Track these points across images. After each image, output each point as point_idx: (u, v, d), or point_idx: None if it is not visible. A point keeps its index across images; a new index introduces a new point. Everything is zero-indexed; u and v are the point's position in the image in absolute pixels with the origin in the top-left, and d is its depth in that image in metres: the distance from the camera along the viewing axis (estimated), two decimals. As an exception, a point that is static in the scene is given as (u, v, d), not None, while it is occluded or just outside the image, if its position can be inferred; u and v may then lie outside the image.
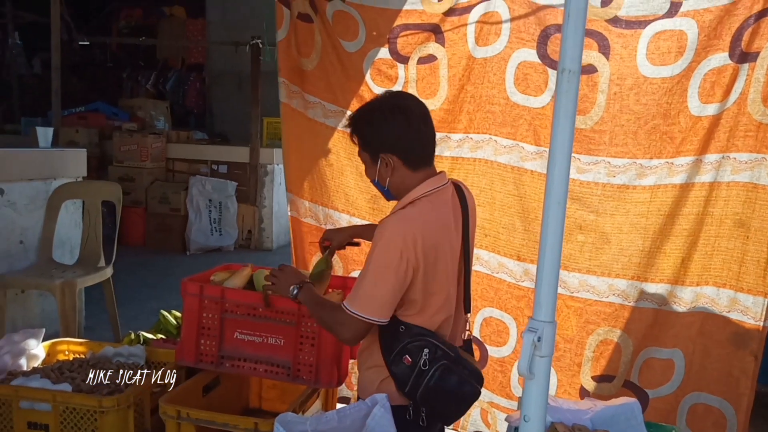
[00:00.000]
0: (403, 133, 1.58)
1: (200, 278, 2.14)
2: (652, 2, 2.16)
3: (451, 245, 1.63)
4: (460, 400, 1.60)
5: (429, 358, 1.53)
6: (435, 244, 1.55)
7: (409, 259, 1.50)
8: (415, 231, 1.52)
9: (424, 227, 1.55)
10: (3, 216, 3.23)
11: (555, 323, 0.93)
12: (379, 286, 1.51)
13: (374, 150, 1.61)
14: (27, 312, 3.41)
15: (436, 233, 1.57)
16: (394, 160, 1.59)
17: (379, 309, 1.52)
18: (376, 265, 1.52)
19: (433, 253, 1.55)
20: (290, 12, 2.66)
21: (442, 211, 1.61)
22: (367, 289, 1.52)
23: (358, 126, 1.64)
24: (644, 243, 2.22)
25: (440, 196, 1.63)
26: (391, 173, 1.61)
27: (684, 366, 2.20)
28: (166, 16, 9.73)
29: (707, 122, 2.12)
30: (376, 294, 1.51)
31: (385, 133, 1.59)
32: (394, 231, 1.53)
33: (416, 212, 1.57)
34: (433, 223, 1.58)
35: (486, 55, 2.38)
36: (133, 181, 6.52)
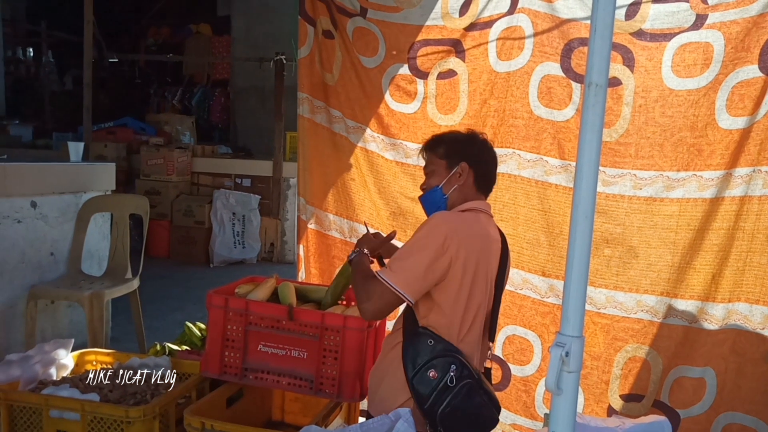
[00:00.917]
0: (488, 156, 1.77)
1: (225, 290, 2.16)
2: (677, 15, 2.14)
3: (488, 267, 1.66)
4: (478, 424, 1.59)
5: (456, 375, 1.53)
6: (474, 254, 1.60)
7: (449, 248, 1.55)
8: (464, 230, 1.60)
9: (470, 234, 1.61)
10: (35, 228, 3.32)
11: (583, 338, 0.91)
12: (415, 261, 1.54)
13: (455, 158, 1.72)
14: (56, 322, 3.49)
15: (478, 246, 1.62)
16: (469, 173, 1.72)
17: (410, 284, 1.53)
18: (417, 243, 1.57)
19: (471, 263, 1.58)
20: (314, 29, 2.71)
21: (482, 228, 1.68)
22: (402, 263, 1.55)
23: (448, 139, 1.78)
24: (673, 258, 2.18)
25: (488, 219, 1.73)
26: (461, 184, 1.71)
27: (716, 385, 2.14)
28: (192, 34, 9.98)
29: (737, 135, 2.09)
30: (411, 268, 1.54)
31: (474, 149, 1.75)
32: (445, 219, 1.62)
33: (469, 217, 1.67)
34: (478, 236, 1.64)
35: (509, 69, 2.39)
36: (159, 195, 6.64)
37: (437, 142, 1.78)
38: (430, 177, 1.76)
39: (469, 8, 2.41)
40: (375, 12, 2.56)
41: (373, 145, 2.66)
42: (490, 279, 1.67)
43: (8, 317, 3.18)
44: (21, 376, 2.09)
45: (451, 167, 1.72)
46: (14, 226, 3.21)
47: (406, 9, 2.51)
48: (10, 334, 3.20)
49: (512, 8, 2.35)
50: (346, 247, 2.76)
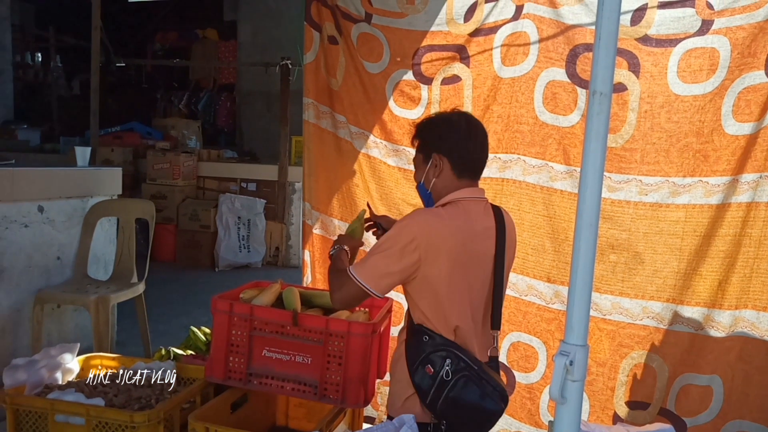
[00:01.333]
0: (461, 140, 1.68)
1: (230, 295, 2.16)
2: (683, 20, 2.14)
3: (478, 255, 1.64)
4: (481, 416, 1.59)
5: (451, 368, 1.55)
6: (452, 250, 1.58)
7: (418, 248, 1.55)
8: (436, 229, 1.58)
9: (446, 231, 1.59)
10: (42, 232, 3.34)
11: (587, 347, 0.91)
12: (382, 257, 1.58)
13: (428, 150, 1.70)
14: (62, 326, 3.50)
15: (456, 241, 1.60)
16: (443, 163, 1.67)
17: (375, 279, 1.58)
18: (387, 241, 1.60)
19: (447, 259, 1.58)
20: (320, 35, 2.72)
21: (472, 219, 1.65)
22: (371, 258, 1.60)
23: (422, 128, 1.74)
24: (679, 264, 2.16)
25: (472, 206, 1.67)
26: (438, 175, 1.68)
27: (723, 393, 2.12)
28: (199, 39, 10.05)
29: (744, 141, 2.08)
30: (377, 264, 1.59)
31: (444, 135, 1.68)
32: (415, 218, 1.62)
33: (444, 212, 1.63)
34: (456, 231, 1.61)
35: (514, 75, 2.39)
36: (165, 199, 6.67)
37: (415, 134, 1.76)
38: (415, 171, 1.77)
39: (474, 14, 2.41)
40: (380, 18, 2.57)
41: (376, 151, 2.67)
42: (482, 268, 1.65)
43: (15, 321, 3.20)
44: (27, 380, 2.09)
45: (427, 160, 1.70)
46: (21, 230, 3.23)
47: (410, 15, 2.52)
48: (17, 337, 3.21)
49: (517, 14, 2.35)
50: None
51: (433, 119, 1.74)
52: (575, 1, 2.26)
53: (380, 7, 2.56)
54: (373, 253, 1.61)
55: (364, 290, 1.59)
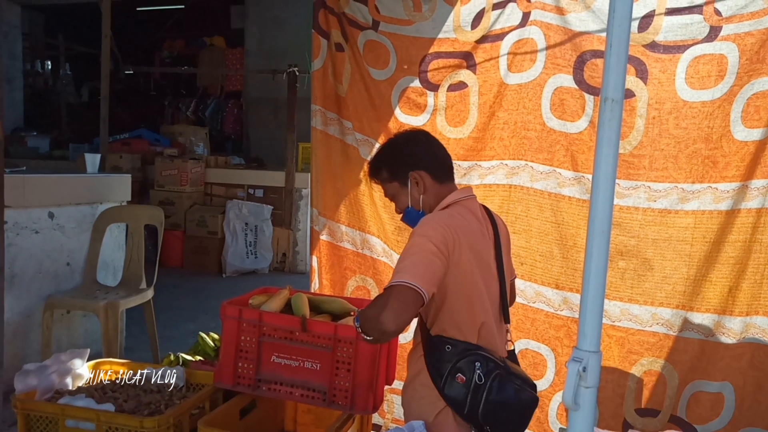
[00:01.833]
0: (423, 148, 1.74)
1: (239, 301, 2.17)
2: (691, 27, 2.14)
3: (483, 252, 1.66)
4: (520, 410, 1.58)
5: (483, 371, 1.52)
6: (467, 243, 1.60)
7: (447, 241, 1.54)
8: (454, 225, 1.59)
9: (461, 226, 1.61)
10: (52, 239, 3.37)
11: (600, 353, 0.91)
12: (417, 259, 1.50)
13: (403, 173, 1.72)
14: (71, 332, 3.52)
15: (468, 235, 1.61)
16: (423, 176, 1.70)
17: (422, 277, 1.46)
18: (413, 247, 1.53)
19: (467, 256, 1.59)
20: (328, 42, 2.74)
21: (472, 218, 1.68)
22: (405, 264, 1.50)
23: (381, 161, 1.77)
24: (689, 271, 2.16)
25: (468, 206, 1.70)
26: (424, 190, 1.71)
27: (734, 400, 2.11)
28: (206, 46, 10.13)
29: (753, 147, 2.07)
30: (415, 265, 1.48)
31: (407, 153, 1.73)
32: (431, 223, 1.59)
33: (453, 212, 1.66)
34: (465, 226, 1.63)
35: (521, 81, 2.39)
36: (173, 205, 6.71)
37: (377, 169, 1.77)
38: (396, 201, 1.76)
39: (481, 21, 2.42)
40: (387, 25, 2.59)
41: None
42: (488, 262, 1.67)
43: (25, 327, 3.22)
44: (38, 385, 2.11)
45: (405, 183, 1.71)
46: (32, 236, 3.26)
47: (418, 22, 2.53)
48: (27, 343, 3.24)
49: (524, 21, 2.36)
50: (358, 259, 2.76)
51: (389, 145, 1.78)
52: (582, 8, 2.27)
53: (387, 14, 2.58)
54: (403, 261, 1.51)
55: (415, 290, 1.43)
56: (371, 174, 1.81)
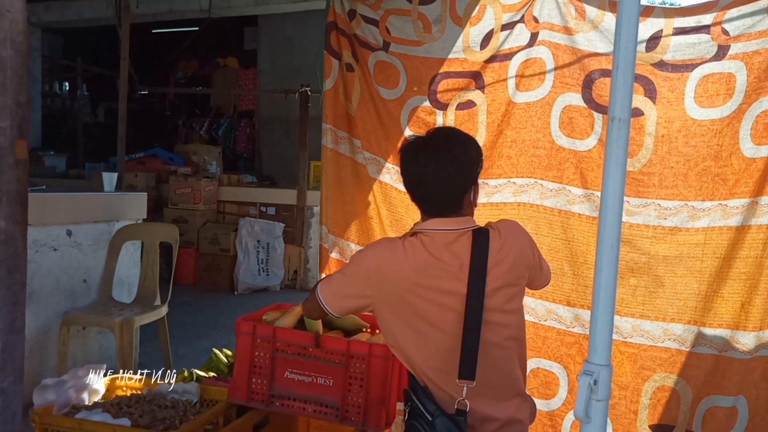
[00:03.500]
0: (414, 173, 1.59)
1: (253, 317, 2.20)
2: (699, 46, 2.17)
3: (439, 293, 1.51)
4: None
5: (408, 412, 1.55)
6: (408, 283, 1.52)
7: (370, 280, 1.58)
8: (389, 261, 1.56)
9: (402, 261, 1.53)
10: (70, 256, 3.43)
11: (611, 367, 0.93)
12: (342, 279, 1.67)
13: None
14: (87, 348, 3.57)
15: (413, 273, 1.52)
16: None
17: (332, 299, 1.66)
18: (350, 263, 1.69)
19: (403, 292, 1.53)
20: (339, 63, 2.80)
21: (432, 255, 1.52)
22: (334, 278, 1.71)
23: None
24: (700, 286, 2.16)
25: (435, 239, 1.53)
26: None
27: (748, 413, 2.10)
28: (220, 67, 10.32)
29: (762, 164, 2.08)
30: (334, 285, 1.67)
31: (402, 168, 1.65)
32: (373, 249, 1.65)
33: (403, 244, 1.57)
34: (415, 262, 1.52)
35: (529, 100, 2.43)
36: (186, 223, 6.79)
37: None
38: None
39: (490, 42, 2.48)
40: (397, 46, 2.64)
41: (387, 176, 2.70)
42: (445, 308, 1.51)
43: (42, 342, 3.27)
44: (56, 400, 2.14)
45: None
46: (50, 254, 3.32)
47: (428, 43, 2.58)
48: (44, 359, 3.28)
49: (532, 41, 2.40)
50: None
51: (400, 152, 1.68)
52: (590, 28, 2.31)
53: (398, 35, 2.64)
54: (337, 274, 1.71)
55: (321, 305, 1.67)
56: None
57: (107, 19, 6.54)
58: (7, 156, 1.94)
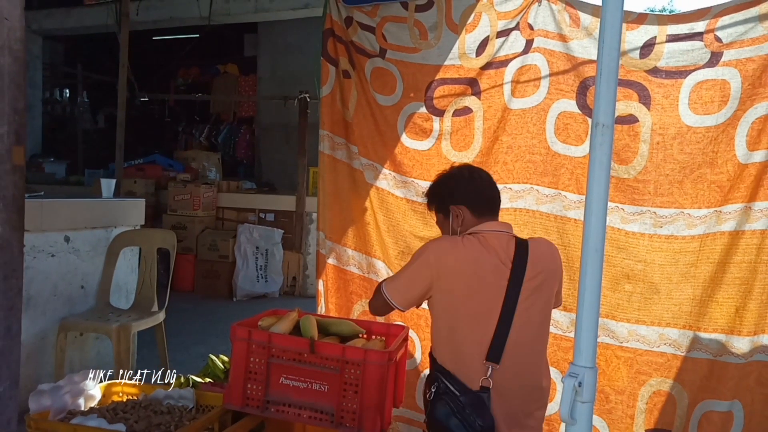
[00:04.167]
0: (465, 184, 1.90)
1: (248, 323, 2.20)
2: (692, 53, 2.19)
3: (488, 286, 1.76)
4: None
5: (435, 391, 1.76)
6: (466, 273, 1.75)
7: (431, 266, 1.77)
8: (449, 251, 1.77)
9: (461, 253, 1.76)
10: (67, 262, 3.44)
11: (596, 369, 0.93)
12: (408, 274, 1.84)
13: (444, 207, 1.91)
14: (84, 354, 3.56)
15: (471, 265, 1.76)
16: (462, 211, 1.88)
17: (397, 294, 1.85)
18: (411, 261, 1.86)
19: (457, 282, 1.75)
20: (336, 69, 2.82)
21: (488, 250, 1.78)
22: (399, 275, 1.88)
23: (431, 194, 1.98)
24: (694, 292, 2.16)
25: (492, 239, 1.81)
26: (461, 223, 1.88)
27: (743, 417, 2.10)
28: (220, 74, 10.36)
29: (754, 169, 2.09)
30: (402, 281, 1.85)
31: (454, 187, 1.91)
32: (434, 242, 1.84)
33: (461, 241, 1.80)
34: (472, 256, 1.77)
35: (524, 107, 2.44)
36: (185, 229, 6.79)
37: (429, 199, 2.00)
38: (441, 228, 1.99)
39: (486, 48, 2.49)
40: (394, 52, 2.66)
41: (384, 182, 2.71)
42: (490, 299, 1.75)
43: (39, 348, 3.27)
44: (52, 405, 2.14)
45: (447, 215, 1.91)
46: (48, 260, 3.32)
47: (424, 50, 2.60)
48: (41, 364, 3.28)
49: (527, 48, 2.42)
50: (364, 283, 2.79)
51: (439, 181, 1.97)
52: (584, 35, 2.33)
53: (395, 42, 2.66)
54: (399, 273, 1.88)
55: (387, 300, 1.84)
56: (428, 203, 2.03)
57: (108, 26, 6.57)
58: (4, 162, 1.95)
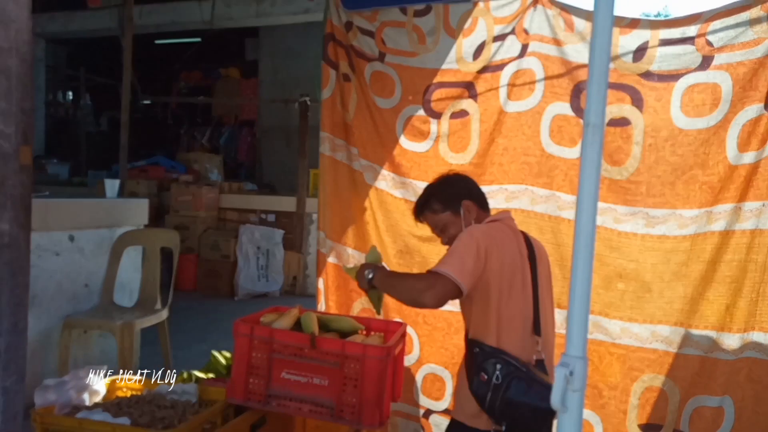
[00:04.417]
0: (468, 183, 2.01)
1: (251, 319, 2.25)
2: (684, 57, 2.23)
3: (521, 266, 1.83)
4: (537, 414, 1.68)
5: (502, 373, 1.69)
6: (502, 254, 1.78)
7: (487, 247, 1.75)
8: (493, 234, 1.81)
9: (499, 237, 1.82)
10: (72, 261, 3.49)
11: (586, 359, 0.98)
12: (460, 256, 1.75)
13: (454, 204, 1.93)
14: (87, 351, 3.61)
15: (503, 247, 1.81)
16: (472, 205, 1.93)
17: (462, 272, 1.73)
18: (458, 246, 1.78)
19: (501, 262, 1.77)
20: (336, 73, 2.87)
21: (510, 234, 1.87)
22: (453, 257, 1.76)
23: (432, 195, 1.97)
24: (686, 290, 2.21)
25: (507, 223, 1.90)
26: (475, 217, 1.93)
27: (734, 413, 2.14)
28: (221, 77, 10.44)
29: (744, 170, 2.14)
30: (458, 261, 1.75)
31: (458, 186, 1.98)
32: (477, 227, 1.85)
33: (492, 225, 1.88)
34: (503, 239, 1.83)
35: (520, 109, 2.49)
36: (187, 229, 6.85)
37: (428, 202, 1.98)
38: (446, 230, 1.96)
39: (482, 53, 2.55)
40: (393, 56, 2.72)
41: (383, 183, 2.76)
42: (525, 276, 1.82)
43: (44, 345, 3.32)
44: (57, 400, 2.18)
45: (457, 212, 1.93)
46: (53, 258, 3.38)
47: (422, 54, 2.66)
48: (45, 361, 3.33)
49: (523, 52, 2.47)
50: (365, 282, 2.83)
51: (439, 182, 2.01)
52: (579, 40, 2.38)
53: (393, 46, 2.71)
54: (450, 253, 1.77)
55: (455, 284, 1.72)
56: (422, 209, 1.99)
57: (110, 29, 6.65)
58: (11, 161, 2.00)
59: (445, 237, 1.97)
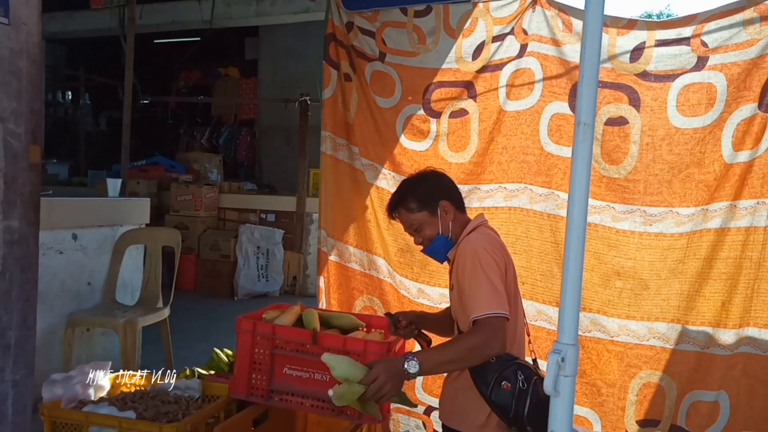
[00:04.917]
0: (445, 182, 1.91)
1: (253, 316, 2.28)
2: (680, 57, 2.28)
3: (513, 268, 1.83)
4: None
5: (523, 378, 1.63)
6: (509, 263, 1.78)
7: (502, 262, 1.72)
8: (496, 246, 1.77)
9: (500, 247, 1.80)
10: (75, 259, 3.52)
11: (578, 346, 1.02)
12: (492, 280, 1.65)
13: (433, 202, 1.83)
14: (90, 349, 3.64)
15: (507, 255, 1.80)
16: (449, 206, 1.85)
17: (501, 302, 1.63)
18: (480, 271, 1.66)
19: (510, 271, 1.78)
20: (338, 73, 2.90)
21: (498, 237, 1.87)
22: (483, 288, 1.64)
23: (407, 193, 1.87)
24: (682, 287, 2.25)
25: (490, 227, 1.89)
26: (452, 218, 1.84)
27: (729, 407, 2.19)
28: (221, 77, 10.46)
29: (739, 169, 2.18)
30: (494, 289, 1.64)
31: (435, 185, 1.88)
32: (477, 242, 1.74)
33: (482, 233, 1.81)
34: (502, 247, 1.82)
35: (518, 109, 2.53)
36: (187, 229, 6.88)
37: (403, 200, 1.86)
38: (422, 231, 1.85)
39: (482, 53, 2.58)
40: (393, 56, 2.75)
41: (384, 182, 2.79)
42: (516, 277, 1.86)
43: (47, 343, 3.34)
44: (63, 395, 2.22)
45: (435, 211, 1.83)
46: (56, 257, 3.41)
47: (422, 54, 2.69)
48: (49, 359, 3.35)
49: (521, 52, 2.51)
50: (366, 279, 2.86)
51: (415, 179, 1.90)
52: (577, 40, 2.42)
53: (394, 46, 2.75)
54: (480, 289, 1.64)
55: (506, 317, 1.63)
56: (396, 206, 1.88)
57: (110, 29, 6.66)
58: (21, 160, 2.04)
59: (419, 237, 1.86)
